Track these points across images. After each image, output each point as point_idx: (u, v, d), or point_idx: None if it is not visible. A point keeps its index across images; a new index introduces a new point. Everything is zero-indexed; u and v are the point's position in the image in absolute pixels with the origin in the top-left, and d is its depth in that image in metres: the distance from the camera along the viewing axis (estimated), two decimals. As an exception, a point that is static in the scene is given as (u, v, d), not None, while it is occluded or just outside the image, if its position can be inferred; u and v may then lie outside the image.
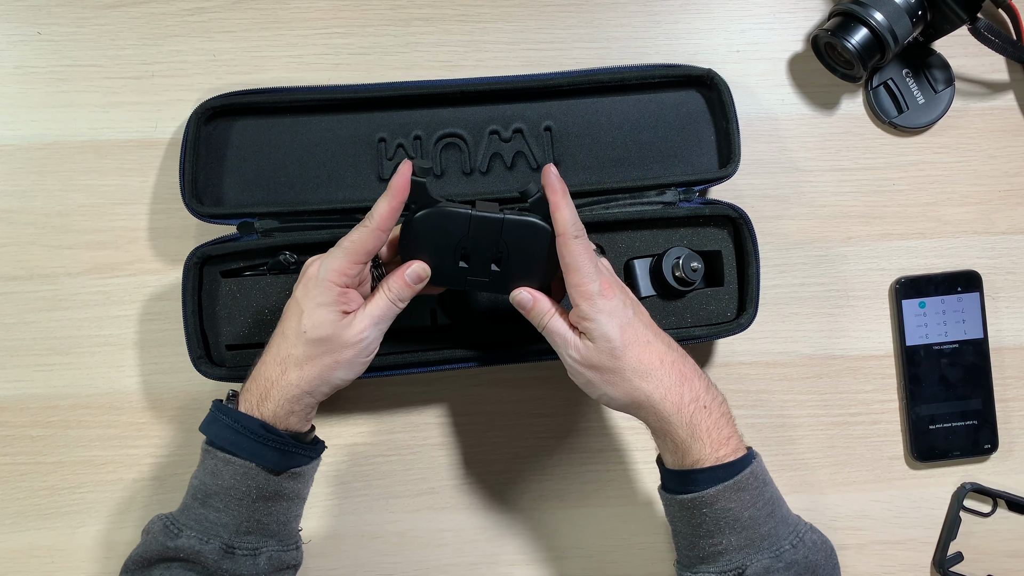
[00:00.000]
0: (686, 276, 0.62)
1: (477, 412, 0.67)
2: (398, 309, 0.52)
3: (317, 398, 0.52)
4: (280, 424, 0.51)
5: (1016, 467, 0.69)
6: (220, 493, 0.50)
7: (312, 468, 0.54)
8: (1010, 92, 0.72)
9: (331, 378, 0.51)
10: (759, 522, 0.49)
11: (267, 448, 0.50)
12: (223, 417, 0.51)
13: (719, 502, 0.49)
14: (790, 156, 0.70)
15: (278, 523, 0.52)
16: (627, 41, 0.69)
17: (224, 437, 0.50)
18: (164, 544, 0.49)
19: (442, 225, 0.51)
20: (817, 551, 0.51)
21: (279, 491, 0.51)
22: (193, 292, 0.60)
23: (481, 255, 0.53)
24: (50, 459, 0.64)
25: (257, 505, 0.50)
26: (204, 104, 0.62)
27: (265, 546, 0.51)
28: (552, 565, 0.66)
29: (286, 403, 0.50)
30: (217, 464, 0.50)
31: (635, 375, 0.50)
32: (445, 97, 0.64)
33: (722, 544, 0.49)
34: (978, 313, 0.69)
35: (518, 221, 0.52)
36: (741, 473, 0.50)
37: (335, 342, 0.50)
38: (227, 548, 0.49)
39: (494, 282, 0.54)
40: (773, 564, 0.48)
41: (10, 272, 0.65)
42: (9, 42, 0.66)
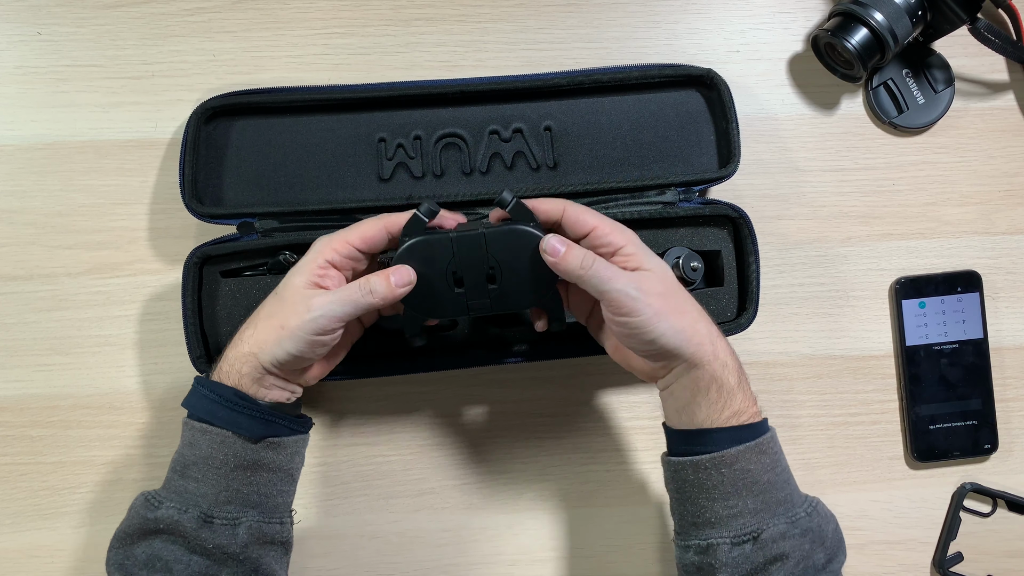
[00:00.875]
0: (686, 276, 0.62)
1: (477, 412, 0.67)
2: (364, 301, 0.50)
3: (264, 365, 0.50)
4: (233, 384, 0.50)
5: (1016, 467, 0.69)
6: (198, 463, 0.50)
7: (295, 442, 0.54)
8: (1010, 92, 0.72)
9: (277, 343, 0.50)
10: (776, 487, 0.49)
11: (241, 415, 0.50)
12: (200, 388, 0.51)
13: (739, 462, 0.48)
14: (790, 156, 0.70)
15: (259, 494, 0.51)
16: (627, 41, 0.69)
17: (201, 407, 0.51)
18: (144, 516, 0.50)
19: (427, 255, 0.51)
20: (828, 522, 0.51)
21: (257, 460, 0.51)
22: (193, 292, 0.60)
23: (473, 276, 0.52)
24: (50, 459, 0.65)
25: (236, 474, 0.50)
26: (204, 104, 0.62)
27: (245, 516, 0.50)
28: (552, 565, 0.66)
29: (237, 360, 0.50)
30: (195, 434, 0.50)
31: (695, 308, 0.50)
32: (445, 97, 0.64)
33: (738, 507, 0.48)
34: (978, 313, 0.69)
35: (499, 231, 0.51)
36: (764, 435, 0.50)
37: (290, 307, 0.50)
38: (206, 517, 0.49)
39: (496, 301, 0.53)
40: (789, 530, 0.48)
41: (10, 272, 0.65)
42: (9, 42, 0.66)
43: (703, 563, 0.49)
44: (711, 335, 0.50)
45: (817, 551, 0.49)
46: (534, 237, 0.51)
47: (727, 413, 0.49)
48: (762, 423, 0.51)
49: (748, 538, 0.48)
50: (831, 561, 0.50)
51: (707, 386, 0.50)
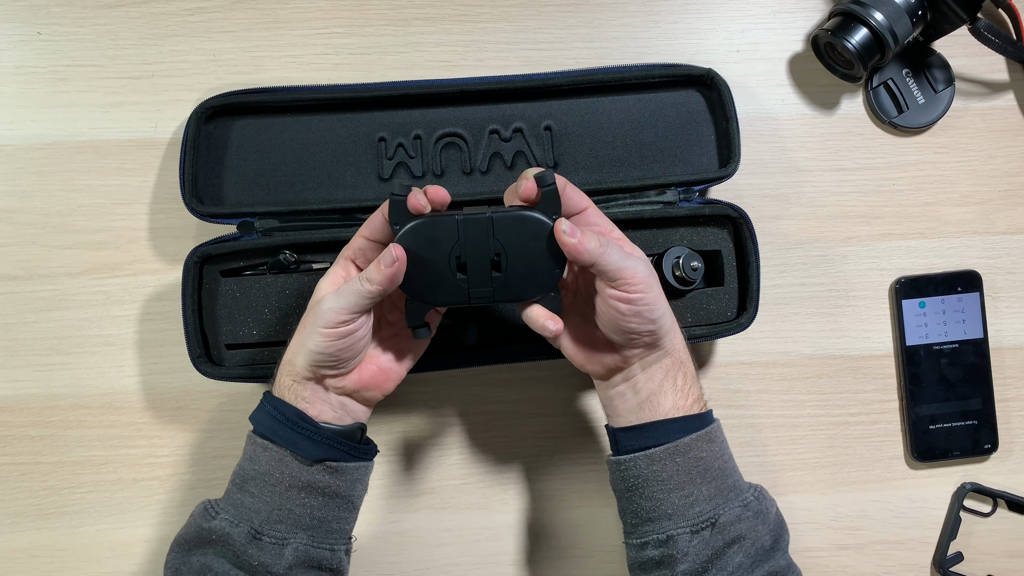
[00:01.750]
0: (686, 276, 0.62)
1: (477, 412, 0.67)
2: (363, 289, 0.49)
3: (300, 370, 0.50)
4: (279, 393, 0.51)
5: (1016, 467, 0.69)
6: (256, 478, 0.50)
7: (356, 468, 0.52)
8: (1010, 92, 0.72)
9: (302, 344, 0.50)
10: (727, 473, 0.51)
11: (300, 436, 0.50)
12: (266, 405, 0.52)
13: (692, 451, 0.50)
14: (790, 156, 0.70)
15: (312, 517, 0.51)
16: (627, 41, 0.69)
17: (264, 423, 0.51)
18: (200, 525, 0.50)
19: (431, 236, 0.49)
20: (772, 505, 0.53)
21: (312, 483, 0.50)
22: (193, 292, 0.60)
23: (478, 261, 0.50)
24: (50, 459, 0.64)
25: (290, 494, 0.50)
26: (204, 103, 0.62)
27: (293, 538, 0.50)
28: (552, 565, 0.66)
29: (282, 373, 0.52)
30: (256, 450, 0.51)
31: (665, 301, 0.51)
32: (445, 97, 0.64)
33: (694, 495, 0.49)
34: (978, 313, 0.69)
35: (508, 216, 0.49)
36: (711, 424, 0.51)
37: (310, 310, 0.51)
38: (255, 533, 0.49)
39: (499, 290, 0.50)
40: (743, 512, 0.50)
41: (10, 272, 0.65)
42: (9, 42, 0.66)
43: (663, 556, 0.50)
44: (676, 323, 0.53)
45: (764, 533, 0.50)
46: (544, 225, 0.49)
47: (691, 399, 0.51)
48: (709, 413, 0.52)
49: (707, 524, 0.49)
50: (778, 540, 0.51)
51: (675, 373, 0.51)
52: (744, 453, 0.68)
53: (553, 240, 0.49)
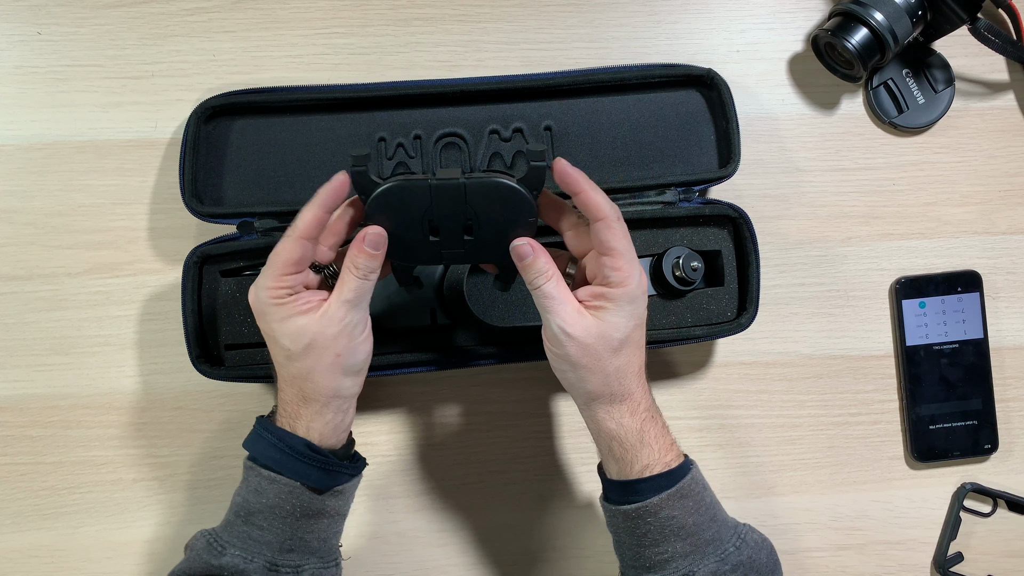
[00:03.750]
0: (686, 276, 0.62)
1: (477, 412, 0.67)
2: (371, 283, 0.49)
3: (346, 395, 0.50)
4: (319, 438, 0.50)
5: (1016, 467, 0.69)
6: (264, 511, 0.49)
7: (353, 485, 0.53)
8: (1010, 92, 0.72)
9: (343, 371, 0.49)
10: (703, 527, 0.50)
11: (312, 468, 0.49)
12: (268, 435, 0.50)
13: (663, 510, 0.49)
14: (790, 156, 0.70)
15: (319, 540, 0.51)
16: (627, 41, 0.69)
17: (268, 455, 0.49)
18: (208, 562, 0.48)
19: (403, 200, 0.48)
20: (759, 550, 0.51)
21: (322, 509, 0.50)
22: (193, 291, 0.60)
23: (450, 226, 0.49)
24: (50, 459, 0.64)
25: (300, 523, 0.50)
26: (204, 103, 0.62)
27: (307, 564, 0.50)
28: (552, 565, 0.66)
29: (317, 416, 0.49)
30: (261, 482, 0.49)
31: (615, 373, 0.49)
32: (445, 97, 0.64)
33: (668, 552, 0.49)
34: (978, 313, 0.69)
35: (481, 183, 0.48)
36: (683, 480, 0.50)
37: (322, 342, 0.48)
38: (271, 566, 0.49)
39: (469, 252, 0.50)
40: (720, 567, 0.49)
41: (10, 272, 0.65)
42: (9, 42, 0.66)
43: None
44: (612, 398, 0.50)
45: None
46: (516, 193, 0.48)
47: (637, 467, 0.50)
48: (680, 467, 0.50)
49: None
50: None
51: (608, 443, 0.51)
52: (744, 453, 0.68)
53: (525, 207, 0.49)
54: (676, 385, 0.68)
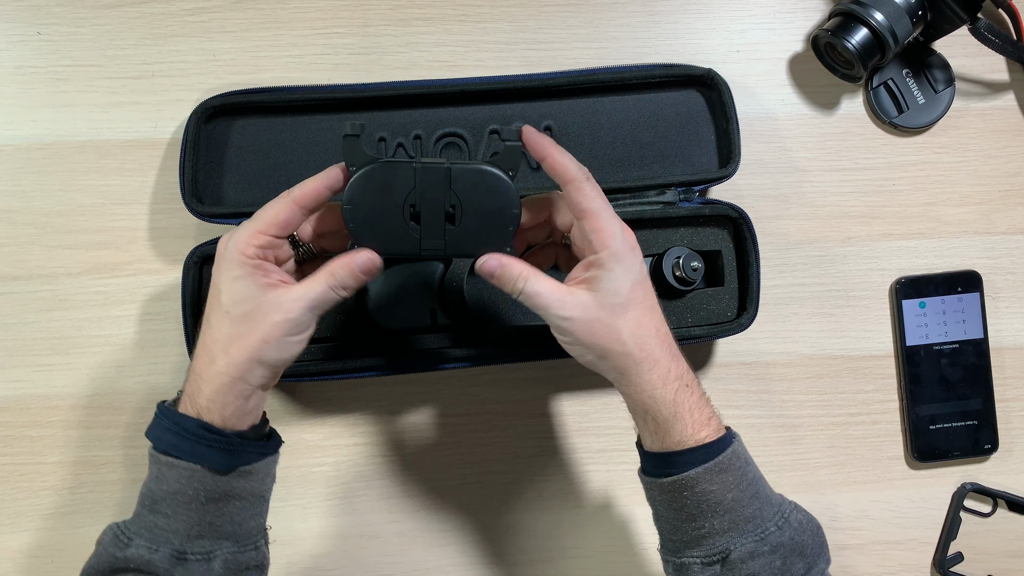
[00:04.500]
0: (686, 276, 0.62)
1: (477, 412, 0.67)
2: (338, 297, 0.47)
3: (254, 383, 0.47)
4: (220, 420, 0.47)
5: (1016, 467, 0.69)
6: (167, 498, 0.47)
7: (266, 464, 0.50)
8: (1010, 92, 0.72)
9: (263, 360, 0.47)
10: (742, 504, 0.48)
11: (210, 449, 0.47)
12: (164, 420, 0.48)
13: (700, 484, 0.47)
14: (790, 156, 0.70)
15: (232, 523, 0.48)
16: (627, 41, 0.69)
17: (165, 440, 0.47)
18: (113, 555, 0.47)
19: (386, 181, 0.48)
20: (803, 531, 0.49)
21: (229, 491, 0.48)
22: (193, 292, 0.60)
23: (432, 212, 0.48)
24: (50, 459, 0.64)
25: (207, 508, 0.47)
26: (204, 103, 0.62)
27: (219, 549, 0.48)
28: (552, 565, 0.66)
29: (218, 395, 0.47)
30: (161, 469, 0.47)
31: (631, 338, 0.47)
32: (445, 97, 0.64)
33: (705, 528, 0.48)
34: (978, 313, 0.69)
35: (466, 169, 0.48)
36: (723, 454, 0.48)
37: (260, 319, 0.46)
38: (178, 555, 0.47)
39: (451, 243, 0.49)
40: (758, 548, 0.47)
41: (10, 272, 0.65)
42: (9, 42, 0.66)
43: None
44: (639, 367, 0.48)
45: (794, 563, 0.48)
46: (501, 182, 0.48)
47: (669, 442, 0.48)
48: (720, 440, 0.49)
49: (718, 559, 0.47)
50: (810, 569, 0.48)
51: (643, 415, 0.49)
52: (744, 453, 0.68)
53: (508, 197, 0.48)
54: (676, 385, 0.68)
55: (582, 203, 0.47)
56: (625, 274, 0.47)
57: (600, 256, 0.47)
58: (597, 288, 0.47)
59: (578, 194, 0.47)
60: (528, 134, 0.48)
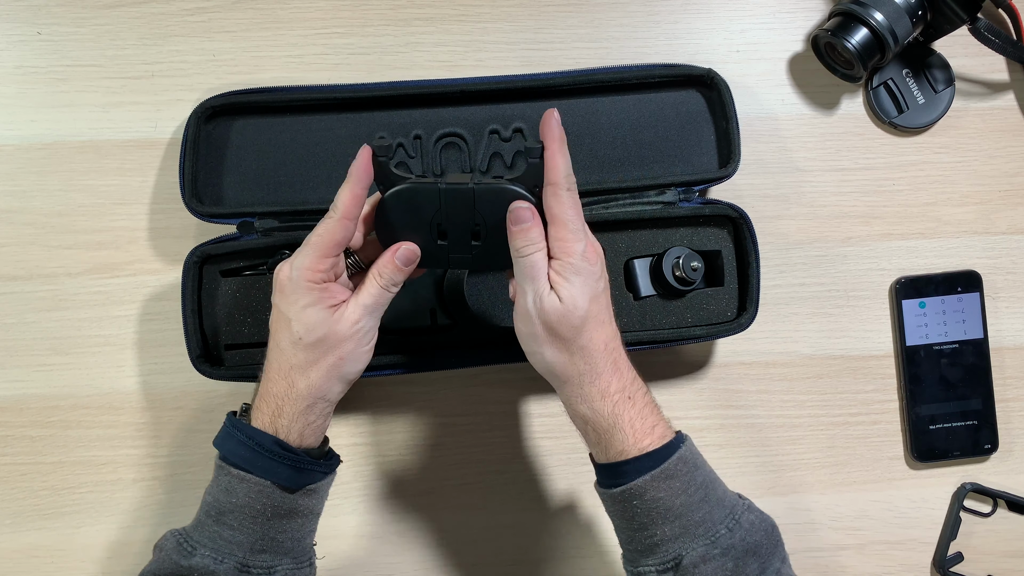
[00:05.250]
0: (686, 276, 0.62)
1: (477, 412, 0.67)
2: (391, 294, 0.50)
3: (332, 399, 0.50)
4: (298, 438, 0.49)
5: (1016, 467, 0.69)
6: (234, 511, 0.48)
7: (327, 483, 0.52)
8: (1010, 92, 0.72)
9: (340, 375, 0.50)
10: (692, 508, 0.48)
11: (282, 466, 0.49)
12: (237, 433, 0.49)
13: (648, 492, 0.48)
14: (790, 156, 0.70)
15: (292, 540, 0.50)
16: (627, 41, 0.69)
17: (238, 454, 0.49)
18: (178, 563, 0.48)
19: (413, 202, 0.49)
20: (755, 531, 0.49)
21: (294, 508, 0.50)
22: (193, 291, 0.60)
23: (458, 230, 0.50)
24: (50, 459, 0.64)
25: (272, 523, 0.49)
26: (204, 103, 0.62)
27: (279, 564, 0.50)
28: (552, 565, 0.66)
29: (300, 415, 0.49)
30: (231, 481, 0.49)
31: (580, 352, 0.49)
32: (445, 97, 0.64)
33: (656, 535, 0.48)
34: (978, 313, 0.69)
35: (489, 188, 0.49)
36: (668, 460, 0.48)
37: (332, 340, 0.48)
38: (242, 567, 0.48)
39: (477, 258, 0.51)
40: (709, 551, 0.47)
41: (10, 272, 0.65)
42: (9, 42, 0.66)
43: None
44: (580, 379, 0.49)
45: (748, 564, 0.48)
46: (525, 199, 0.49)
47: (612, 453, 0.49)
48: (666, 447, 0.48)
49: (671, 565, 0.47)
50: (765, 570, 0.48)
51: (584, 428, 0.50)
52: (744, 453, 0.68)
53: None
54: (676, 385, 0.68)
55: (553, 208, 0.48)
56: (583, 289, 0.48)
57: (558, 263, 0.48)
58: (562, 296, 0.48)
59: (554, 199, 0.48)
60: (546, 119, 0.49)
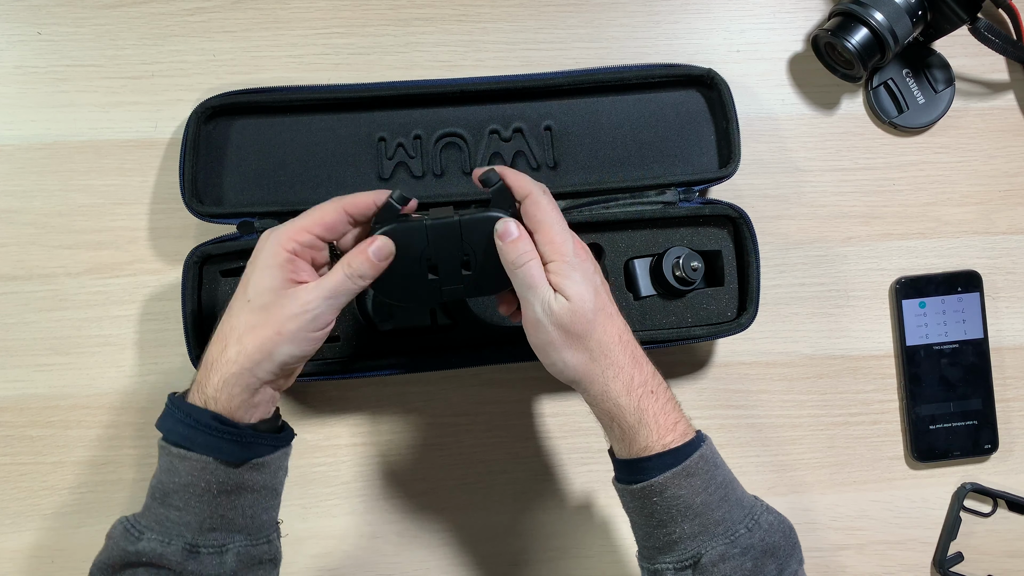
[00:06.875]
0: (686, 276, 0.62)
1: (477, 412, 0.67)
2: (355, 287, 0.48)
3: (262, 377, 0.47)
4: (225, 409, 0.47)
5: (1016, 467, 0.69)
6: (179, 491, 0.47)
7: (278, 458, 0.50)
8: (1010, 92, 0.72)
9: (275, 353, 0.47)
10: (712, 507, 0.48)
11: (222, 440, 0.47)
12: (176, 411, 0.47)
13: (669, 489, 0.48)
14: (790, 156, 0.70)
15: (244, 516, 0.48)
16: (627, 41, 0.69)
17: (177, 432, 0.47)
18: (125, 549, 0.46)
19: (401, 241, 0.50)
20: (774, 532, 0.49)
21: (241, 484, 0.48)
22: (193, 291, 0.60)
23: (448, 263, 0.51)
24: (50, 459, 0.64)
25: (219, 500, 0.47)
26: (204, 103, 0.62)
27: (231, 542, 0.48)
28: (552, 565, 0.66)
29: (225, 385, 0.47)
30: (172, 461, 0.47)
31: (597, 348, 0.49)
32: (445, 97, 0.64)
33: (676, 533, 0.48)
34: (978, 313, 0.69)
35: (474, 219, 0.50)
36: (690, 458, 0.48)
37: (278, 311, 0.47)
38: (191, 548, 0.47)
39: (469, 286, 0.52)
40: (728, 550, 0.47)
41: (10, 272, 0.65)
42: (9, 42, 0.66)
43: None
44: (604, 376, 0.49)
45: (766, 565, 0.48)
46: None
47: (636, 448, 0.49)
48: (688, 444, 0.49)
49: (689, 563, 0.47)
50: (783, 571, 0.48)
51: (608, 423, 0.50)
52: (744, 453, 0.68)
53: None
54: (676, 385, 0.68)
55: (537, 214, 0.49)
56: (585, 283, 0.48)
57: (555, 265, 0.49)
58: (568, 296, 0.48)
59: (534, 206, 0.49)
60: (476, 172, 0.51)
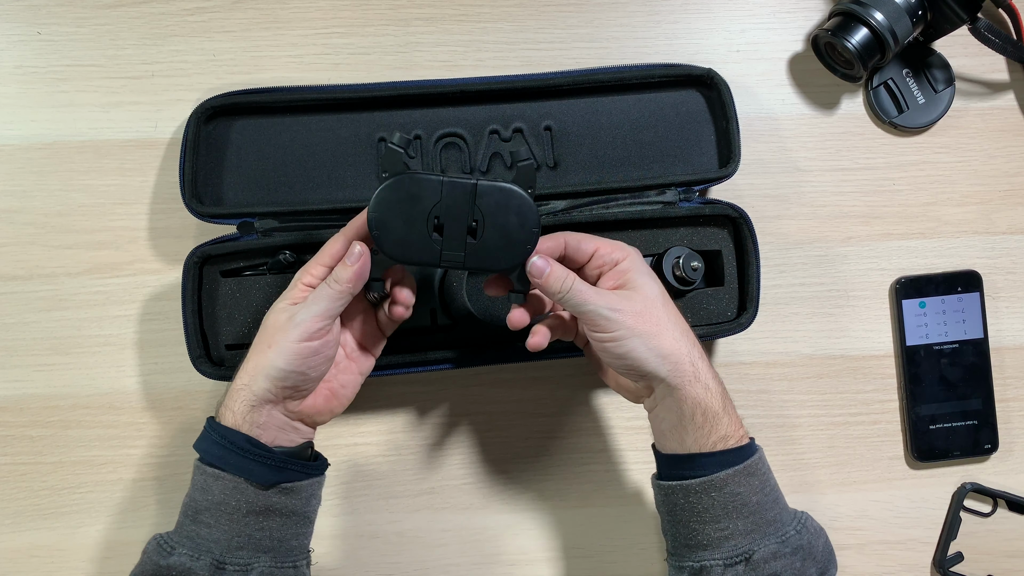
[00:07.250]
0: (686, 275, 0.62)
1: (477, 412, 0.67)
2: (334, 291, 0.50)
3: (260, 394, 0.49)
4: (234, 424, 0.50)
5: (1016, 467, 0.69)
6: (210, 508, 0.49)
7: (310, 485, 0.52)
8: (1010, 92, 0.72)
9: (267, 368, 0.49)
10: (766, 507, 0.50)
11: (254, 462, 0.49)
12: (212, 433, 0.50)
13: (729, 486, 0.49)
14: (790, 156, 0.70)
15: (272, 539, 0.51)
16: (627, 41, 0.69)
17: (213, 452, 0.50)
18: (157, 563, 0.49)
19: (413, 192, 0.49)
20: (817, 537, 0.51)
21: (269, 506, 0.50)
22: (193, 292, 0.60)
23: (455, 224, 0.50)
24: (50, 459, 0.65)
25: (247, 520, 0.50)
26: (204, 104, 0.62)
27: (256, 562, 0.50)
28: (552, 565, 0.66)
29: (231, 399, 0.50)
30: (206, 480, 0.50)
31: (680, 328, 0.50)
32: (445, 97, 0.64)
33: (728, 529, 0.49)
34: (978, 313, 0.69)
35: (492, 186, 0.50)
36: (751, 458, 0.50)
37: (272, 329, 0.50)
38: (218, 564, 0.49)
39: (470, 256, 0.50)
40: (780, 549, 0.49)
41: (10, 272, 0.65)
42: (9, 42, 0.66)
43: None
44: (692, 357, 0.50)
45: (809, 567, 0.49)
46: (525, 202, 0.50)
47: (714, 438, 0.50)
48: (749, 445, 0.51)
49: (740, 559, 0.49)
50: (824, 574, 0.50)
51: (692, 411, 0.50)
52: (744, 453, 0.68)
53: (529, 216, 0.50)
54: (676, 385, 0.68)
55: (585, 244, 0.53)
56: (650, 275, 0.52)
57: (623, 264, 0.51)
58: (633, 287, 0.50)
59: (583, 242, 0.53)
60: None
